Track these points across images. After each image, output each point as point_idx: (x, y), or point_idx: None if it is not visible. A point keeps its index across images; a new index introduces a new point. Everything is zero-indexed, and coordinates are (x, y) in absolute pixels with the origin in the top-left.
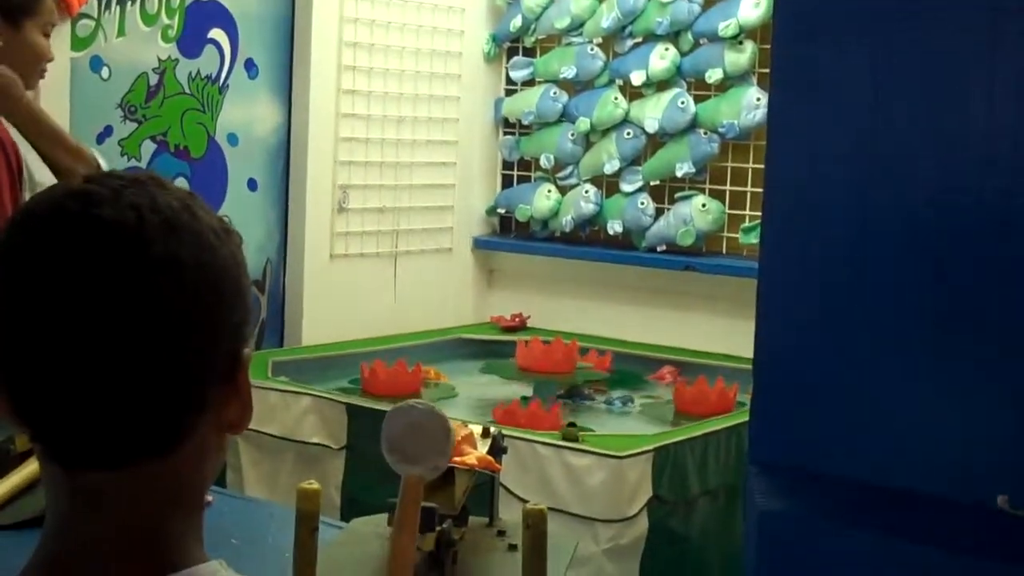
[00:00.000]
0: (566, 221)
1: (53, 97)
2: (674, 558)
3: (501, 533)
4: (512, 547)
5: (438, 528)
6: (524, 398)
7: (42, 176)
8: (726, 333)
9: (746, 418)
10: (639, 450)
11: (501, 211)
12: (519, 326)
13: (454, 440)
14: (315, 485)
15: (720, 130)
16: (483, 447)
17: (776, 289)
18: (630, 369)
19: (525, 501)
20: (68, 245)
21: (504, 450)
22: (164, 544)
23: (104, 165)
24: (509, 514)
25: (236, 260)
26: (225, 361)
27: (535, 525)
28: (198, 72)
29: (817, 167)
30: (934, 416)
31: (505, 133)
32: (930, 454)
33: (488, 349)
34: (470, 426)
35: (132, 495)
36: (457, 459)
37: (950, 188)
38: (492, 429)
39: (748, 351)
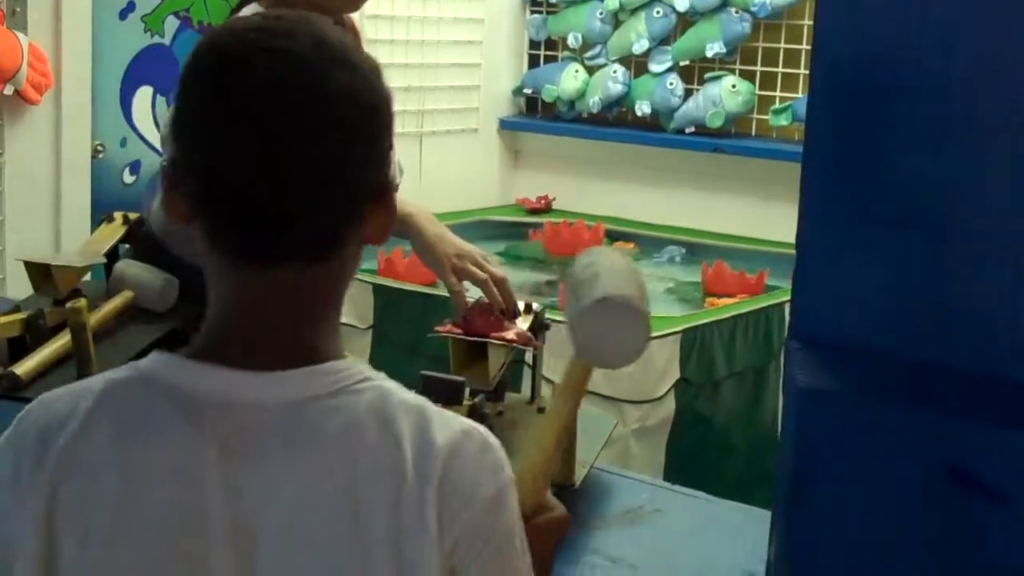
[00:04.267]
0: (593, 102)
1: None
2: (700, 439)
3: (541, 410)
4: None
5: (470, 402)
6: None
7: None
8: (755, 216)
9: (773, 301)
10: (667, 331)
11: (527, 91)
12: (545, 208)
13: (643, 347)
14: (352, 358)
15: (752, 8)
16: (524, 324)
17: (821, 167)
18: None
19: (553, 382)
20: (261, 75)
21: (547, 327)
22: (311, 337)
23: None
24: (551, 394)
25: (388, 93)
26: (379, 180)
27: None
28: None
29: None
30: (980, 292)
31: (532, 11)
32: (976, 330)
33: (513, 231)
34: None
35: (291, 292)
36: (495, 334)
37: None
38: (535, 305)
39: (777, 234)
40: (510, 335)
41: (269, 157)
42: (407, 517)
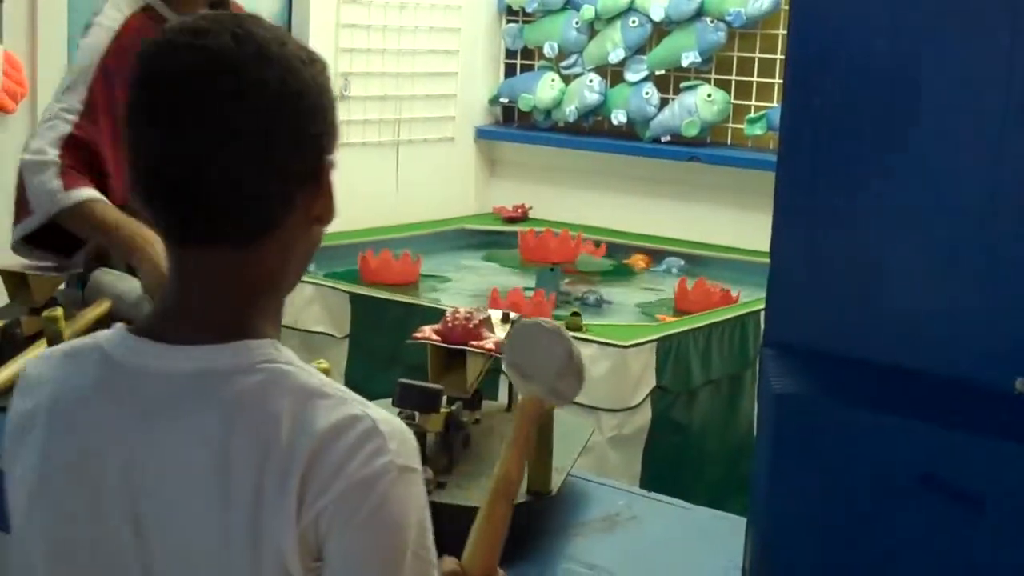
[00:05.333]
0: (569, 111)
1: None
2: (676, 447)
3: None
4: None
5: (448, 409)
6: (528, 289)
7: None
8: (730, 225)
9: (748, 309)
10: (643, 340)
11: (504, 100)
12: (521, 217)
13: (580, 366)
14: (325, 364)
15: (727, 18)
16: (501, 332)
17: (795, 172)
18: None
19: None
20: (180, 70)
21: None
22: (239, 317)
23: None
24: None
25: (317, 82)
26: (308, 165)
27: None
28: None
29: (840, 52)
30: (952, 298)
31: (508, 21)
32: (948, 336)
33: (490, 239)
34: (489, 311)
35: (220, 273)
36: (474, 342)
37: (974, 71)
38: (512, 315)
39: (752, 242)
40: (488, 343)
41: (183, 146)
42: (269, 485)
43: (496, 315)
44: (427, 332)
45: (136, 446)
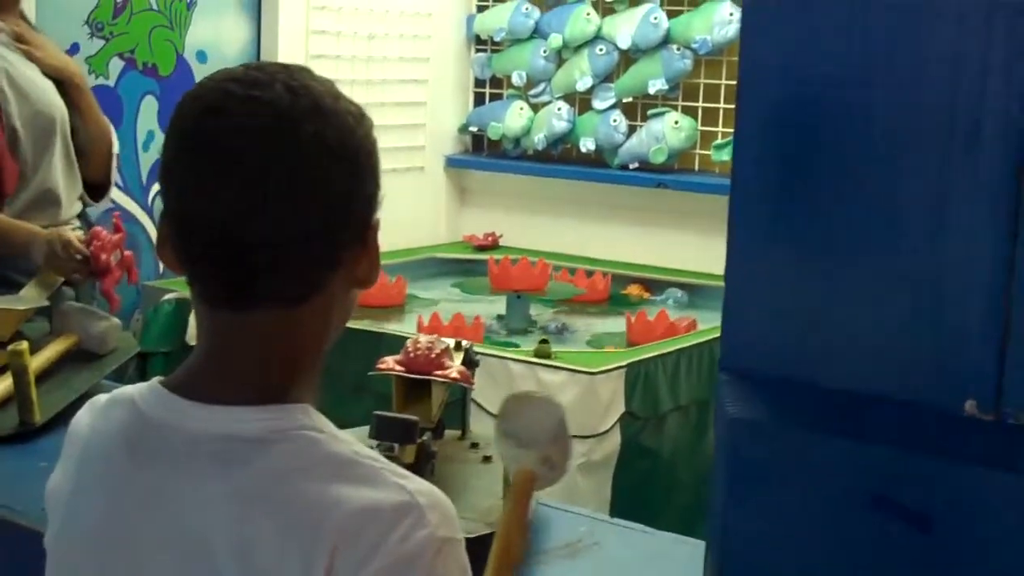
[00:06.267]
0: (538, 139)
1: None
2: (646, 473)
3: (474, 445)
4: (486, 459)
5: (420, 440)
6: (500, 316)
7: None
8: (699, 251)
9: (716, 335)
10: (611, 366)
11: (473, 129)
12: (491, 245)
13: (568, 432)
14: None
15: (693, 46)
16: (455, 360)
17: (749, 197)
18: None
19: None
20: (233, 125)
21: (476, 363)
22: (279, 379)
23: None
24: (481, 430)
25: (369, 140)
26: (357, 225)
27: None
28: None
29: (792, 79)
30: (903, 322)
31: (477, 50)
32: (899, 360)
33: (461, 267)
34: (443, 340)
35: (261, 336)
36: (439, 372)
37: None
38: (464, 343)
39: (721, 268)
40: (453, 373)
41: (238, 201)
42: (291, 567)
43: (450, 343)
44: (390, 363)
45: (153, 507)
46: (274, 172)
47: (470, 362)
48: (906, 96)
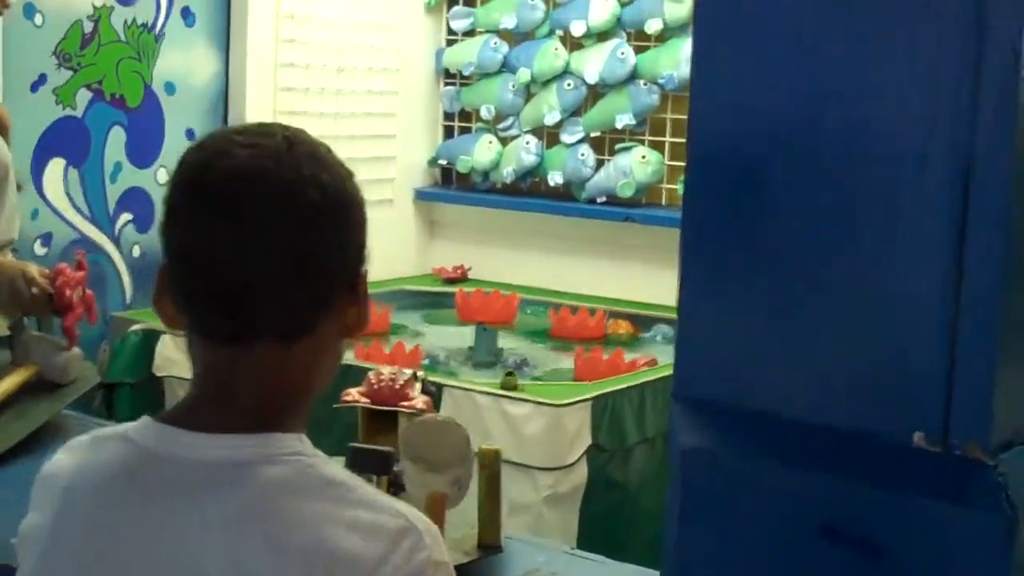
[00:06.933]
0: (507, 172)
1: None
2: (613, 505)
3: None
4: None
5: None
6: (471, 348)
7: None
8: (666, 284)
9: None
10: (578, 399)
11: (442, 162)
12: (461, 277)
13: (472, 454)
14: None
15: (660, 81)
16: (413, 392)
17: (699, 228)
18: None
19: None
20: (236, 169)
21: (432, 392)
22: (270, 415)
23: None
24: None
25: (359, 193)
26: (351, 274)
27: (490, 465)
28: (134, 20)
29: (741, 111)
30: (851, 353)
31: (446, 84)
32: (848, 391)
33: (430, 300)
34: (404, 371)
35: (255, 372)
36: (404, 403)
37: (868, 131)
38: (420, 373)
39: None
40: (419, 403)
41: (239, 238)
42: None
43: (407, 374)
44: (354, 394)
45: (150, 534)
46: (275, 213)
47: (427, 391)
48: (854, 127)
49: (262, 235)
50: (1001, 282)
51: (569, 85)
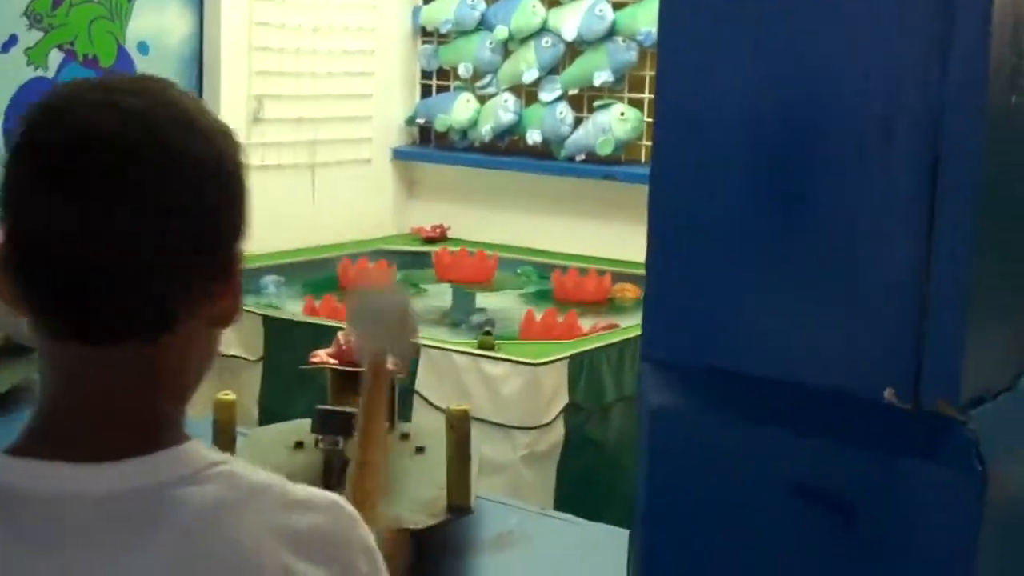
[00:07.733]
0: (485, 131)
1: None
2: (590, 464)
3: (404, 436)
4: (419, 449)
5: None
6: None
7: None
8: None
9: None
10: (555, 357)
11: (420, 121)
12: (439, 237)
13: (415, 320)
14: (231, 396)
15: (638, 38)
16: None
17: (668, 186)
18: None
19: (442, 409)
20: (89, 132)
21: None
22: (146, 422)
23: None
24: (426, 422)
25: (238, 159)
26: (224, 257)
27: (458, 426)
28: None
29: (707, 81)
30: (821, 311)
31: (423, 42)
32: (819, 348)
33: (409, 260)
34: None
35: (121, 375)
36: None
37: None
38: None
39: None
40: (389, 365)
41: (85, 216)
42: None
43: None
44: (322, 355)
45: None
46: (130, 183)
47: None
48: (822, 98)
49: (113, 209)
50: (971, 239)
51: (547, 42)
